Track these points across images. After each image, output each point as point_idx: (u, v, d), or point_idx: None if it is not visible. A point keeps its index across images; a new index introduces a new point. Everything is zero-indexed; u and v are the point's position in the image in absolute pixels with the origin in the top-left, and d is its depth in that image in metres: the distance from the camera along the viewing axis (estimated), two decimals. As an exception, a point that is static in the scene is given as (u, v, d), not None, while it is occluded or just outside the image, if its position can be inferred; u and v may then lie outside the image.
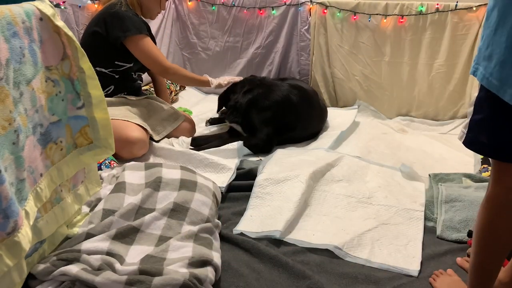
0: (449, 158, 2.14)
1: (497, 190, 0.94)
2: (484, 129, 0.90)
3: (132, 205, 1.33)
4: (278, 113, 2.15)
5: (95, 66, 2.00)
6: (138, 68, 2.14)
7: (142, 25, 2.03)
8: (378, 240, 1.44)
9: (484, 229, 0.97)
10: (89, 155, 1.23)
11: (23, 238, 0.92)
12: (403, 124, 2.61)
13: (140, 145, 1.90)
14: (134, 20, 1.99)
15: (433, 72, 2.64)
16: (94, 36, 1.99)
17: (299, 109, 2.20)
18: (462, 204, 1.55)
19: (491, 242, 0.98)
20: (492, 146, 0.90)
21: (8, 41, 0.91)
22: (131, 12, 2.02)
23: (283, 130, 2.18)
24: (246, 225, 1.47)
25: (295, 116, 2.19)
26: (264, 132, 2.12)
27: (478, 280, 1.03)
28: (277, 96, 2.16)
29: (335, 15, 2.70)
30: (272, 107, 2.15)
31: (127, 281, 1.06)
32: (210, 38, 3.06)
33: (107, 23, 1.96)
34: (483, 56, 0.87)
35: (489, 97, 0.87)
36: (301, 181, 1.63)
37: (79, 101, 1.18)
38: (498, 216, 0.94)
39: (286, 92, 2.19)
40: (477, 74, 0.89)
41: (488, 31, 0.86)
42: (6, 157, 0.90)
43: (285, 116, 2.17)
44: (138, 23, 2.00)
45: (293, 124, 2.20)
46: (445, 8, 2.53)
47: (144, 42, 1.99)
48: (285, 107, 2.17)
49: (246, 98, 2.19)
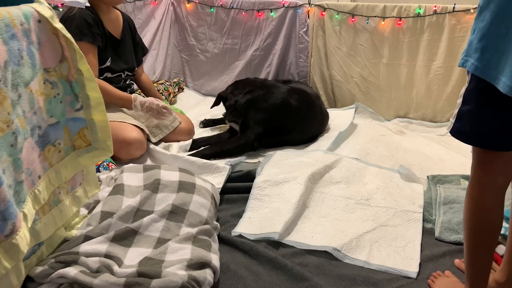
0: (447, 160, 2.14)
1: (480, 175, 1.01)
2: (470, 118, 0.96)
3: (131, 207, 1.33)
4: (275, 116, 2.16)
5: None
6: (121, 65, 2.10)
7: (86, 30, 1.89)
8: (377, 241, 1.44)
9: (472, 212, 1.02)
10: (88, 157, 1.23)
11: (21, 240, 0.92)
12: (401, 126, 2.62)
13: (138, 145, 1.90)
14: (79, 24, 1.87)
15: (431, 74, 2.65)
16: None
17: (297, 113, 2.20)
18: (461, 205, 1.55)
19: (481, 223, 1.01)
20: (476, 135, 0.96)
21: (6, 43, 0.91)
22: (85, 12, 1.90)
23: (280, 133, 2.18)
24: (245, 227, 1.47)
25: (294, 120, 2.19)
26: (255, 130, 2.13)
27: (473, 271, 1.05)
28: (276, 99, 2.17)
29: (333, 17, 2.71)
30: (269, 109, 2.15)
31: (126, 283, 1.05)
32: (209, 40, 3.06)
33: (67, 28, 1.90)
34: (475, 48, 0.91)
35: (478, 88, 0.92)
36: (299, 183, 1.63)
37: (78, 103, 1.18)
38: (484, 196, 1.00)
39: (286, 95, 2.19)
40: (467, 65, 0.93)
41: (482, 24, 0.89)
42: (4, 159, 0.90)
43: (283, 119, 2.17)
44: (83, 28, 1.88)
45: (291, 127, 2.20)
46: (443, 10, 2.54)
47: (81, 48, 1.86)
48: (283, 110, 2.17)
49: (245, 98, 2.20)
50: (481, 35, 0.89)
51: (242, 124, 2.19)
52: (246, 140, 2.11)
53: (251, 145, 2.11)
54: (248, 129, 2.14)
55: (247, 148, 2.11)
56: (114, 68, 2.08)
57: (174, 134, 2.17)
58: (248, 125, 2.15)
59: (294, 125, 2.20)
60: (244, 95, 2.22)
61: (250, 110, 2.18)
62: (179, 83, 3.05)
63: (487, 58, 0.88)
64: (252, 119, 2.15)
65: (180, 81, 3.06)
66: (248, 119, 2.17)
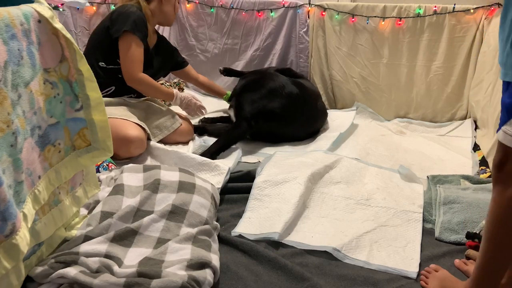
0: (447, 160, 2.14)
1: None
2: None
3: (131, 207, 1.32)
4: (265, 97, 2.19)
5: (98, 61, 2.03)
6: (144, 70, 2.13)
7: (143, 29, 2.02)
8: (377, 242, 1.44)
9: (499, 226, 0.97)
10: (88, 157, 1.23)
11: (21, 240, 0.92)
12: (401, 126, 2.62)
13: (138, 143, 1.90)
14: (139, 22, 1.98)
15: (431, 74, 2.65)
16: (102, 31, 2.02)
17: (288, 100, 2.21)
18: (461, 205, 1.55)
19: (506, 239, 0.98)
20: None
21: (6, 43, 0.91)
22: (141, 14, 2.01)
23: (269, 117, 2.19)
24: (245, 227, 1.47)
25: (283, 106, 2.20)
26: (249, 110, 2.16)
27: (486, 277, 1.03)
28: (267, 83, 2.22)
29: (333, 17, 2.71)
30: (260, 90, 2.20)
31: (126, 283, 1.05)
32: (209, 40, 3.06)
33: (113, 18, 1.99)
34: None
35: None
36: (299, 183, 1.63)
37: (78, 103, 1.18)
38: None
39: (279, 82, 2.22)
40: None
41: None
42: (4, 160, 0.90)
43: (272, 102, 2.19)
44: (141, 26, 1.99)
45: (281, 113, 2.20)
46: (443, 11, 2.54)
47: (132, 43, 1.97)
48: (274, 94, 2.19)
49: (240, 84, 2.30)
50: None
51: (236, 107, 2.23)
52: (243, 122, 2.15)
53: (248, 125, 2.14)
54: (242, 111, 2.18)
55: (246, 129, 2.14)
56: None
57: (174, 135, 2.17)
58: (242, 107, 2.19)
59: (285, 111, 2.20)
60: (240, 81, 2.31)
61: (244, 93, 2.23)
62: (179, 83, 3.04)
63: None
64: (245, 100, 2.20)
65: (180, 81, 3.06)
66: (241, 101, 2.21)
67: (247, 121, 2.15)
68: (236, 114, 2.23)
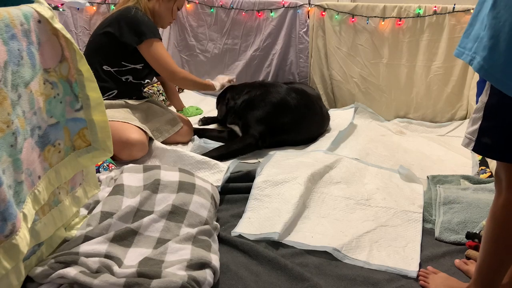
0: (447, 160, 2.14)
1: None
2: (499, 135, 0.90)
3: (131, 207, 1.32)
4: (273, 114, 2.16)
5: (102, 65, 2.04)
6: (147, 73, 2.15)
7: (157, 30, 2.06)
8: (377, 242, 1.44)
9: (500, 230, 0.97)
10: (87, 157, 1.23)
11: (21, 240, 0.92)
12: (401, 126, 2.62)
13: (140, 147, 1.90)
14: (150, 24, 2.02)
15: (431, 74, 2.65)
16: (106, 36, 2.01)
17: (295, 112, 2.20)
18: (461, 206, 1.55)
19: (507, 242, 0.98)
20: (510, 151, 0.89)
21: (6, 43, 0.91)
22: (146, 17, 2.03)
23: (277, 132, 2.19)
24: (245, 227, 1.47)
25: (291, 119, 2.19)
26: (258, 129, 2.13)
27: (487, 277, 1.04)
28: (273, 97, 2.18)
29: (333, 17, 2.71)
30: (266, 107, 2.16)
31: (125, 283, 1.05)
32: (209, 40, 3.06)
33: (122, 27, 1.98)
34: (483, 46, 0.85)
35: (503, 104, 0.86)
36: (299, 183, 1.63)
37: (77, 103, 1.18)
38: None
39: (283, 94, 2.20)
40: (474, 63, 0.87)
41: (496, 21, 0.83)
42: (4, 160, 0.90)
43: (280, 117, 2.18)
44: (154, 28, 2.04)
45: (288, 127, 2.20)
46: (443, 11, 2.54)
47: (157, 46, 2.02)
48: (281, 109, 2.17)
49: (242, 99, 2.23)
50: (492, 33, 0.83)
51: (243, 125, 2.19)
52: (251, 139, 2.11)
53: (255, 144, 2.11)
54: (249, 128, 2.15)
55: (252, 147, 2.11)
56: (139, 75, 2.13)
57: (174, 135, 2.17)
58: (249, 125, 2.15)
59: (293, 124, 2.20)
60: (242, 96, 2.25)
61: (248, 110, 2.19)
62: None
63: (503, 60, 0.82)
64: (252, 118, 2.16)
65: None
66: (248, 119, 2.17)
67: (255, 140, 2.12)
68: (243, 131, 2.20)
